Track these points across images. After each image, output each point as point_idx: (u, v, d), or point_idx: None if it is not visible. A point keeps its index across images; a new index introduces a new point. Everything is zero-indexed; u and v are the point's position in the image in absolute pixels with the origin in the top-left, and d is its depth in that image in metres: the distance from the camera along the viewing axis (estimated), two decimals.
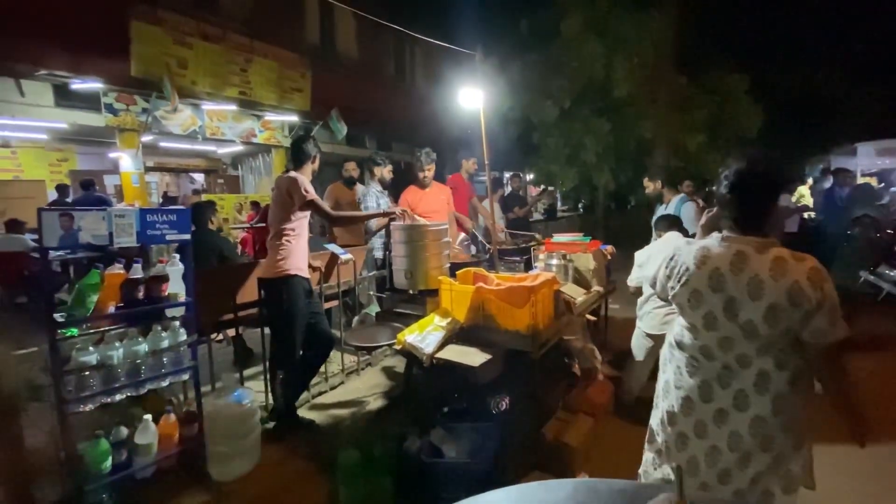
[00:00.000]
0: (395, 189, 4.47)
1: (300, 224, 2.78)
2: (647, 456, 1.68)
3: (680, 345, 1.54)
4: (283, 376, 2.83)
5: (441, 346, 2.30)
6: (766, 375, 1.37)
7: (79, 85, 6.94)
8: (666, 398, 1.58)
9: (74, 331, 1.93)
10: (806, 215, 6.73)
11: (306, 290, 2.78)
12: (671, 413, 1.54)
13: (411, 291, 2.84)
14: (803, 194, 8.07)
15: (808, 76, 14.80)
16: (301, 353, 2.79)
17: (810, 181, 8.72)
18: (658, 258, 2.91)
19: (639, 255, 3.09)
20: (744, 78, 11.22)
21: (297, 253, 2.75)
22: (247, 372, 3.24)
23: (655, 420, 1.65)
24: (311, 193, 2.72)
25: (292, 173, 2.78)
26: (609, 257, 3.61)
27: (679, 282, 1.49)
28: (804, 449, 1.43)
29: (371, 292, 3.70)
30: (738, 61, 11.47)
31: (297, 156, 2.90)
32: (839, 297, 1.33)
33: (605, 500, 0.63)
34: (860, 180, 8.78)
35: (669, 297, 1.56)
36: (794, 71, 14.62)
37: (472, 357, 2.21)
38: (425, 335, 2.37)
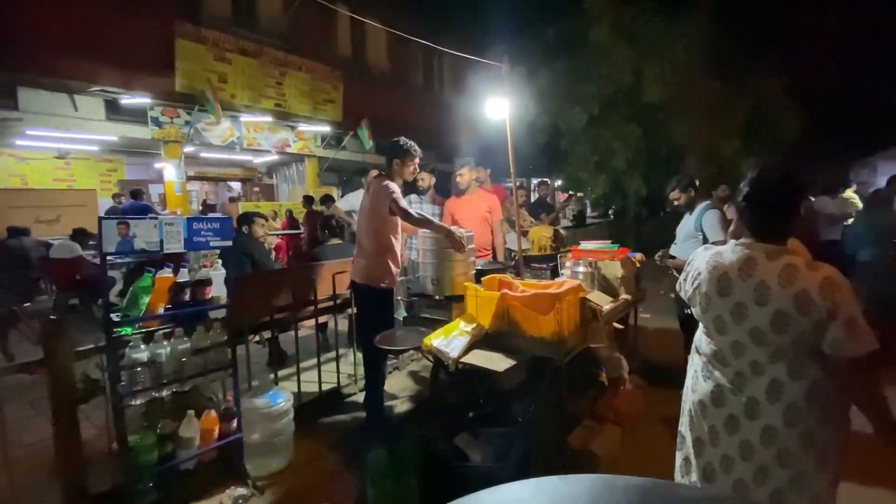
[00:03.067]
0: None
1: (397, 231, 2.95)
2: (677, 462, 1.67)
3: (698, 349, 1.57)
4: (372, 373, 3.04)
5: (466, 351, 2.34)
6: (779, 384, 1.35)
7: (128, 100, 7.42)
8: (687, 402, 1.60)
9: (129, 329, 2.08)
10: (849, 222, 6.41)
11: None
12: (691, 417, 1.56)
13: (437, 297, 2.90)
14: (853, 199, 7.63)
15: (850, 77, 14.15)
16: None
17: (855, 186, 8.27)
18: None
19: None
20: (781, 81, 10.85)
21: (398, 264, 2.99)
22: (281, 373, 3.37)
23: (683, 426, 1.65)
24: (396, 192, 2.82)
25: (384, 180, 2.89)
26: (639, 265, 3.57)
27: (693, 286, 1.54)
28: (830, 470, 1.36)
29: (398, 297, 3.78)
30: (775, 63, 11.10)
31: (387, 160, 2.99)
32: (882, 309, 1.30)
33: (621, 495, 0.68)
34: None
35: (687, 301, 1.61)
36: (836, 72, 14.01)
37: (497, 362, 2.24)
38: (451, 340, 2.42)
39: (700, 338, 1.57)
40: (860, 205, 7.05)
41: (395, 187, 2.84)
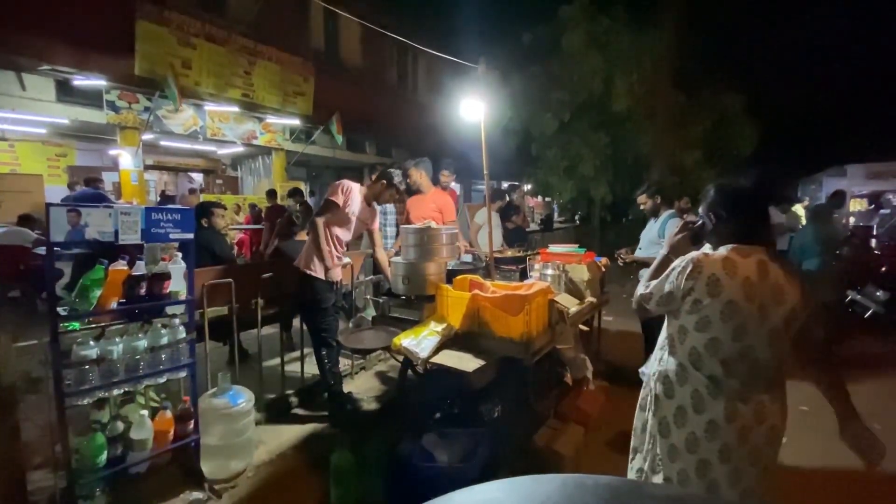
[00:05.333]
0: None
1: (334, 226, 3.05)
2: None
3: (696, 365, 1.50)
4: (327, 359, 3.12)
5: (436, 351, 2.33)
6: (774, 383, 1.46)
7: (81, 81, 6.97)
8: (684, 425, 1.51)
9: (76, 325, 1.96)
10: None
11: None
12: (692, 440, 1.49)
13: (408, 296, 2.87)
14: (799, 214, 8.16)
15: (801, 97, 15.10)
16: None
17: (806, 201, 8.85)
18: None
19: None
20: (739, 97, 11.43)
21: (328, 259, 3.01)
22: (242, 372, 3.25)
23: (664, 451, 1.57)
24: (335, 196, 2.96)
25: (348, 180, 3.09)
26: (603, 269, 3.66)
27: (709, 294, 1.45)
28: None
29: (368, 296, 3.74)
30: (734, 81, 11.70)
31: (379, 174, 3.23)
32: (827, 315, 1.46)
33: (591, 494, 0.68)
34: (850, 202, 8.96)
35: (686, 311, 1.51)
36: (789, 92, 14.93)
37: (467, 363, 2.24)
38: (421, 340, 2.41)
39: (697, 352, 1.49)
40: (803, 219, 7.55)
41: (340, 189, 2.99)
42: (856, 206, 9.69)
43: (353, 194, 3.07)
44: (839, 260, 4.81)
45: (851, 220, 8.62)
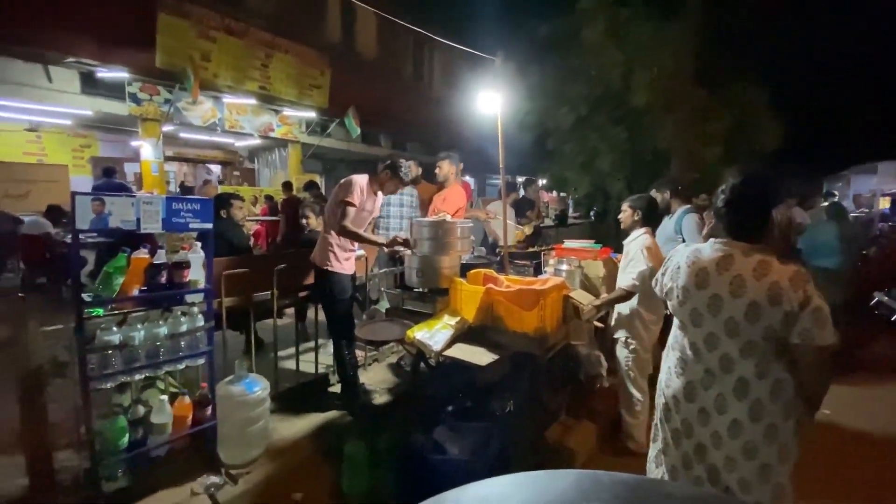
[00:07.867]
0: None
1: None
2: (652, 452, 1.76)
3: (673, 346, 1.65)
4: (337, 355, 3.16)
5: (449, 345, 2.34)
6: (746, 382, 1.45)
7: (105, 73, 7.12)
8: (662, 396, 1.69)
9: (100, 311, 2.01)
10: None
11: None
12: (667, 411, 1.65)
13: (422, 290, 2.88)
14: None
15: (829, 92, 14.62)
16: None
17: (836, 197, 8.58)
18: None
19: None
20: (763, 91, 11.10)
21: (345, 251, 3.06)
22: (258, 361, 3.31)
23: (657, 417, 1.75)
24: (351, 197, 2.91)
25: (357, 176, 3.04)
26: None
27: (671, 280, 1.62)
28: (790, 461, 1.48)
29: (382, 288, 3.75)
30: (758, 74, 11.35)
31: (382, 165, 3.15)
32: (851, 316, 1.39)
33: (607, 491, 0.67)
34: (881, 200, 8.68)
35: (664, 295, 1.69)
36: (816, 86, 14.45)
37: (480, 356, 2.24)
38: (434, 333, 2.41)
39: (675, 334, 1.66)
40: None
41: (356, 189, 2.94)
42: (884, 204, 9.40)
43: (365, 191, 3.07)
44: (865, 260, 4.66)
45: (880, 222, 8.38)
